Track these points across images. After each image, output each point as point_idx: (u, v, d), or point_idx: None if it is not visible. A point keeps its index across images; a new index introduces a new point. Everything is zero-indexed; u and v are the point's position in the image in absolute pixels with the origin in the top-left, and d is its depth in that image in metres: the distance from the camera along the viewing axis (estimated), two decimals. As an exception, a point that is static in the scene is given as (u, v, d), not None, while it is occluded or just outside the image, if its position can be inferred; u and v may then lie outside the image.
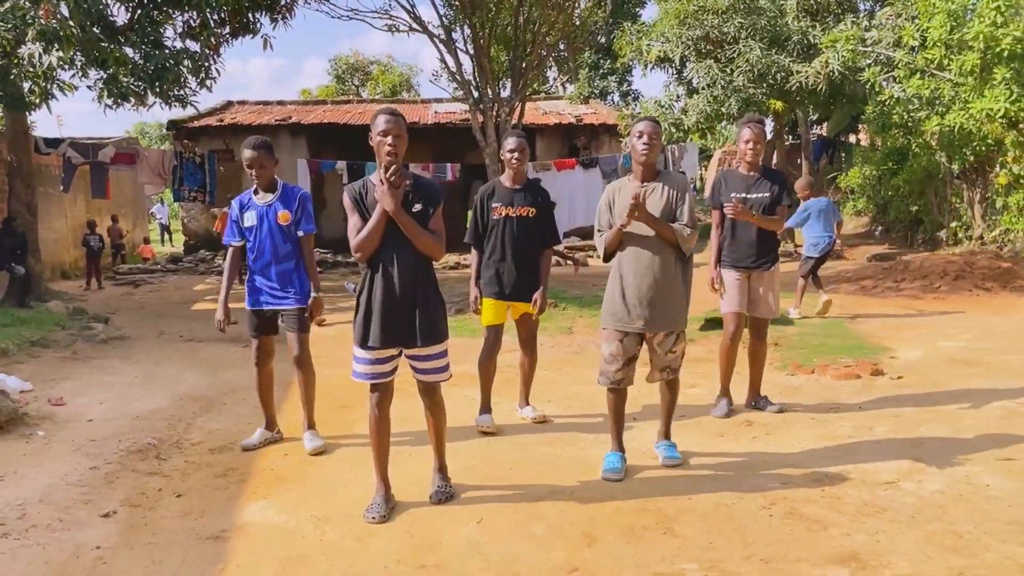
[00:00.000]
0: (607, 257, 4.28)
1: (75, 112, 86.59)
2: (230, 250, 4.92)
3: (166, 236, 29.83)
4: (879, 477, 4.04)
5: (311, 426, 4.94)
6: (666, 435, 4.49)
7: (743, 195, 5.16)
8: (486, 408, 5.12)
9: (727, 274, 5.26)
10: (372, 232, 3.62)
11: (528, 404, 5.37)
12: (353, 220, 3.71)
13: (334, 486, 4.20)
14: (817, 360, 6.58)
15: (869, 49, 13.26)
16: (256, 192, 4.81)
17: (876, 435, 4.74)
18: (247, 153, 4.69)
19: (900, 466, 4.19)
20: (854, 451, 4.47)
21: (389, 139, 3.64)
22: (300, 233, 4.79)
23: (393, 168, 3.58)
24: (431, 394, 3.92)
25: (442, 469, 4.06)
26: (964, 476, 4.03)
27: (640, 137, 4.11)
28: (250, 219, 4.80)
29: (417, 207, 3.69)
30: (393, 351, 3.75)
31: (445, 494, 3.94)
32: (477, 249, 5.13)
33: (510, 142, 5.02)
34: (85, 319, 9.15)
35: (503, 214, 5.01)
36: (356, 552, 3.40)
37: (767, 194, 5.18)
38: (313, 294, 4.86)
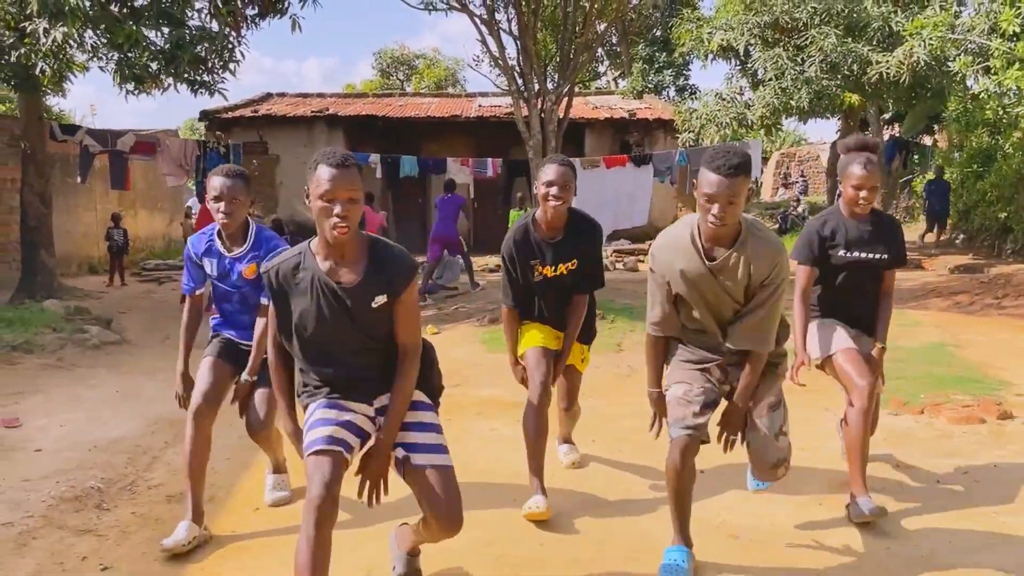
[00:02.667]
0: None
1: (122, 111, 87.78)
2: (187, 301, 3.68)
3: None
4: (1061, 587, 2.86)
5: (279, 469, 3.92)
6: None
7: (860, 254, 3.66)
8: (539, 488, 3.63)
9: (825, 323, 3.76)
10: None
11: (569, 441, 4.28)
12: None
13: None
14: (925, 396, 5.36)
15: (960, 37, 11.87)
16: (219, 236, 3.54)
17: (1034, 513, 3.54)
18: (216, 181, 3.39)
19: (1084, 568, 3.00)
20: (1010, 540, 3.28)
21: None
22: (263, 300, 3.42)
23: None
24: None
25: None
26: None
27: (709, 196, 2.72)
28: (210, 267, 3.58)
29: (380, 300, 2.52)
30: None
31: None
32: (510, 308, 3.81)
33: (548, 171, 3.52)
34: (82, 320, 8.30)
35: (542, 275, 3.67)
36: None
37: (883, 256, 3.67)
38: (244, 377, 3.52)
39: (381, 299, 2.49)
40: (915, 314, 8.72)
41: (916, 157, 20.46)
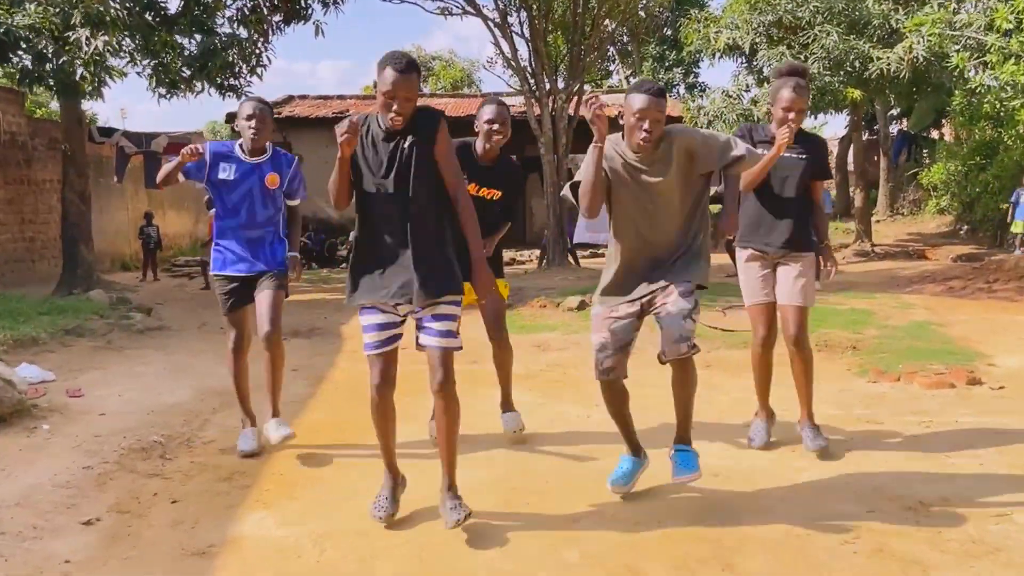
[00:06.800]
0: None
1: (147, 112, 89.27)
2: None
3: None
4: (987, 508, 3.36)
5: (276, 414, 4.40)
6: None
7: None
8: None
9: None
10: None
11: (512, 409, 4.54)
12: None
13: (344, 496, 3.70)
14: (903, 366, 5.84)
15: (958, 33, 12.27)
16: (242, 148, 4.24)
17: (979, 456, 4.03)
18: (248, 107, 4.19)
19: (1012, 495, 3.49)
20: (953, 475, 3.78)
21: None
22: (296, 201, 4.48)
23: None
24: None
25: (452, 487, 3.26)
26: (1093, 510, 3.32)
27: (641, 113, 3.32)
28: (227, 172, 4.19)
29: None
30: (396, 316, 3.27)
31: (461, 513, 3.13)
32: None
33: (488, 110, 4.16)
34: (125, 309, 8.92)
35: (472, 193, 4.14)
36: (355, 578, 2.90)
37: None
38: (290, 253, 4.45)
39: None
40: (909, 298, 9.18)
41: (924, 151, 20.81)
